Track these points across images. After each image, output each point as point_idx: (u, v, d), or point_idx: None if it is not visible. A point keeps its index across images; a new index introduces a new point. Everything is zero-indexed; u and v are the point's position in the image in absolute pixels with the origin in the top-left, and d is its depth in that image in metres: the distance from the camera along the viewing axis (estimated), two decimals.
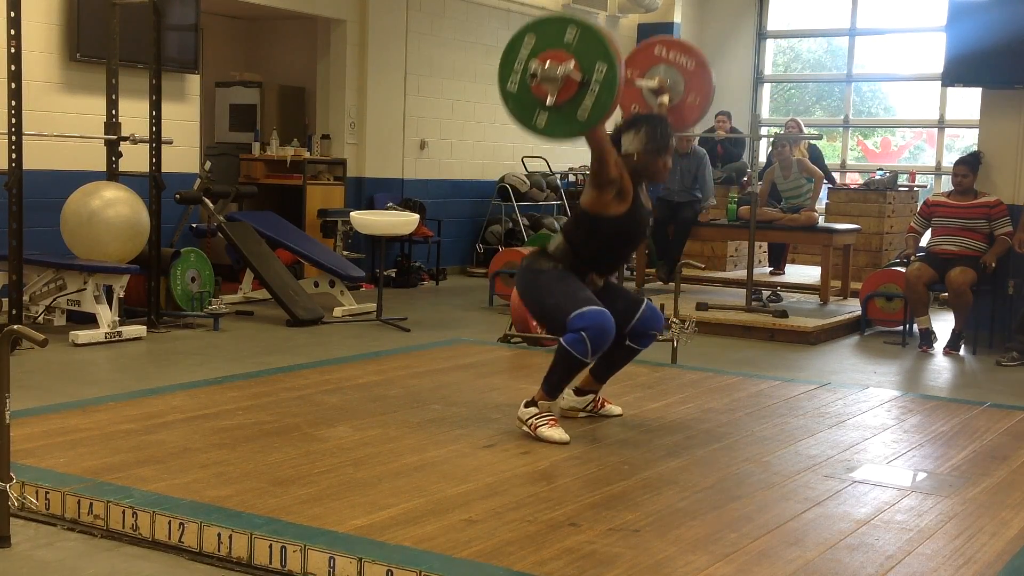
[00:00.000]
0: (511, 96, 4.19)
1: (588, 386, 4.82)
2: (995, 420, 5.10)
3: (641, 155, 4.45)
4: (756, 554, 3.19)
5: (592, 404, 4.85)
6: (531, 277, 4.52)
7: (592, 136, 4.26)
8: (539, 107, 4.11)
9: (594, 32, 4.06)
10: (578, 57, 4.03)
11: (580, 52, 4.03)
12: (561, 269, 4.46)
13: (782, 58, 15.15)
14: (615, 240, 4.49)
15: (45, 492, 3.50)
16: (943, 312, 8.56)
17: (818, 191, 9.62)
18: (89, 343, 6.58)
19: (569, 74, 4.02)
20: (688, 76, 4.92)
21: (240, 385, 5.30)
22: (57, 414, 4.57)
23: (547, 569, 3.00)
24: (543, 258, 4.53)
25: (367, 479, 3.77)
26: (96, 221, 6.86)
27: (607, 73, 4.01)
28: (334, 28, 10.31)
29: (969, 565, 3.18)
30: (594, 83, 4.01)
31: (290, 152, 9.97)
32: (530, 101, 4.14)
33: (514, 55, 4.15)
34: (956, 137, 13.43)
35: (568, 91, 4.05)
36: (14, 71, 6.19)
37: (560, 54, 4.04)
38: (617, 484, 3.84)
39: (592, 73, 4.01)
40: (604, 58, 4.01)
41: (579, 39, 4.03)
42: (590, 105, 4.04)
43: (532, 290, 4.52)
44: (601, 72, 4.00)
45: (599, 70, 4.00)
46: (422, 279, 10.59)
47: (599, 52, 4.02)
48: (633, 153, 4.45)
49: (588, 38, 4.04)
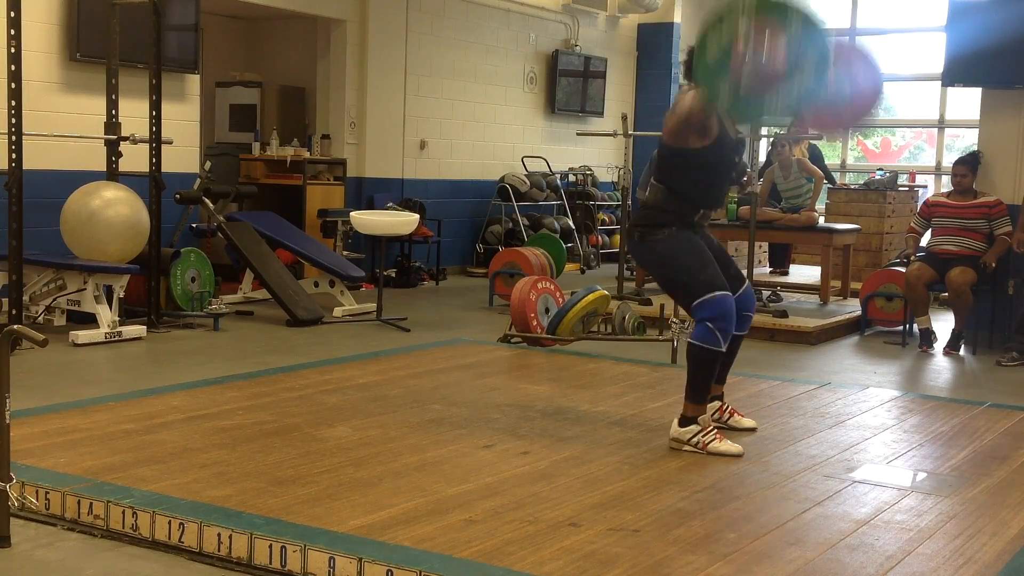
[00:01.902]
0: (705, 67, 3.83)
1: (714, 391, 4.59)
2: (995, 420, 5.10)
3: None
4: (756, 554, 3.19)
5: (718, 412, 4.65)
6: (650, 249, 4.42)
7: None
8: (731, 86, 3.76)
9: (824, 45, 3.73)
10: (791, 50, 3.68)
11: (795, 47, 3.68)
12: (675, 232, 4.34)
13: None
14: (708, 172, 4.36)
15: (45, 492, 3.50)
16: (943, 312, 8.56)
17: (818, 191, 9.62)
18: (89, 343, 6.57)
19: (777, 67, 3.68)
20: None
21: (240, 385, 5.30)
22: (57, 414, 4.57)
23: (547, 569, 3.00)
24: (651, 221, 4.39)
25: (367, 479, 3.77)
26: (96, 221, 6.86)
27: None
28: (334, 28, 10.31)
29: (969, 565, 3.18)
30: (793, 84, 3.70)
31: (290, 152, 9.97)
32: (722, 72, 3.77)
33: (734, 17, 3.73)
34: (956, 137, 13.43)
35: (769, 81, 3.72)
36: (14, 71, 6.19)
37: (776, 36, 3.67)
38: (617, 484, 3.84)
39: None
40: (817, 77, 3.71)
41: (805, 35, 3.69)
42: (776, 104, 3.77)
43: (655, 264, 4.46)
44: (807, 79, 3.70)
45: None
46: (422, 279, 10.59)
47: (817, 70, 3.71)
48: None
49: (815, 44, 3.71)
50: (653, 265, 4.52)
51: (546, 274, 8.65)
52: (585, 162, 13.11)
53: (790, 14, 3.71)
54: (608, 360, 6.35)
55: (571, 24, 12.92)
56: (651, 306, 7.93)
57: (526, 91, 12.47)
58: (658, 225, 4.38)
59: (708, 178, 4.38)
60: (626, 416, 4.88)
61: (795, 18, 3.70)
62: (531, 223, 11.82)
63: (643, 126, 13.48)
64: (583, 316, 6.66)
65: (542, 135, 12.70)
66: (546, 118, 12.75)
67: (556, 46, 12.74)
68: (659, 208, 4.39)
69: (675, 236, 4.35)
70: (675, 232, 4.35)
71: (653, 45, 13.96)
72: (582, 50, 13.03)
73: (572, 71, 12.91)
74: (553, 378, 5.76)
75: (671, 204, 4.37)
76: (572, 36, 12.96)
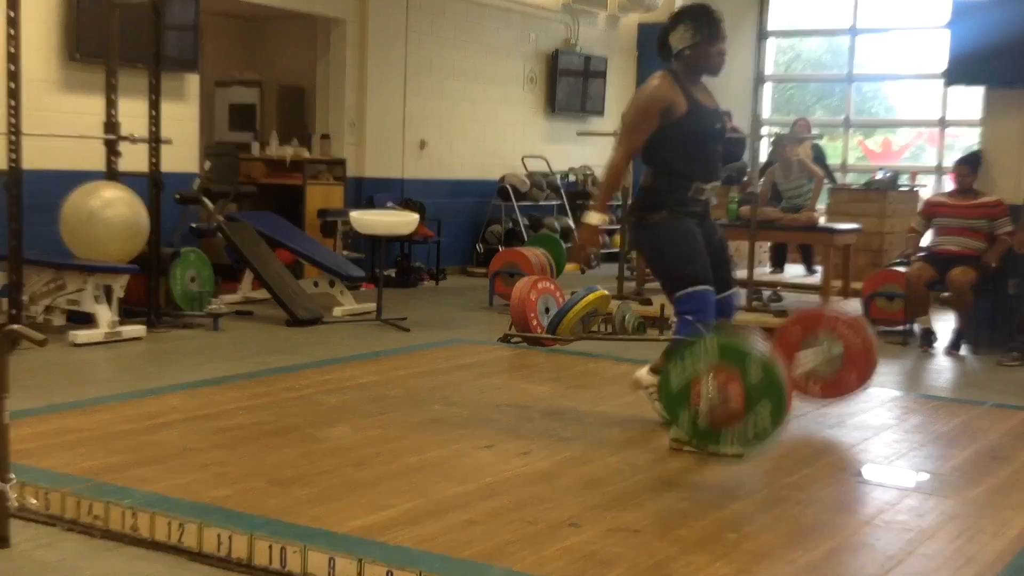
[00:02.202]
0: (669, 394, 3.98)
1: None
2: (996, 420, 5.09)
3: (692, 50, 4.44)
4: (756, 554, 3.19)
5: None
6: (644, 232, 4.54)
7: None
8: (690, 416, 3.89)
9: (780, 394, 3.79)
10: (748, 395, 3.79)
11: (753, 393, 3.78)
12: (669, 216, 4.42)
13: (783, 57, 15.14)
14: (689, 143, 4.44)
15: (45, 492, 3.50)
16: (944, 312, 8.55)
17: (818, 191, 9.61)
18: (88, 343, 6.57)
19: (733, 408, 3.79)
20: (851, 355, 4.81)
21: (240, 385, 5.29)
22: (57, 414, 4.57)
23: (547, 569, 2.99)
24: (647, 202, 4.50)
25: (367, 479, 3.76)
26: (95, 221, 6.85)
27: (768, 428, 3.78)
28: (334, 28, 10.30)
29: (970, 565, 3.17)
30: (748, 424, 3.81)
31: (290, 152, 9.96)
32: (683, 402, 3.91)
33: (696, 358, 3.87)
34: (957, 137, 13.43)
35: (725, 420, 3.83)
36: (13, 71, 6.18)
37: (734, 381, 3.79)
38: (617, 484, 3.83)
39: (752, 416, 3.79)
40: (772, 421, 3.78)
41: (761, 383, 3.78)
42: (733, 438, 3.85)
43: (648, 248, 4.61)
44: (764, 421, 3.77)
45: (762, 416, 3.78)
46: (422, 279, 10.58)
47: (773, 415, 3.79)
48: (683, 49, 4.43)
49: (772, 393, 3.78)
50: (646, 249, 4.65)
51: (546, 274, 8.64)
52: (585, 162, 13.10)
53: (749, 362, 3.80)
54: (608, 360, 6.34)
55: (571, 24, 12.92)
56: (651, 306, 7.91)
57: (526, 91, 12.47)
58: (653, 207, 4.47)
59: (690, 149, 4.46)
60: (626, 416, 4.87)
61: (754, 367, 3.79)
62: (531, 223, 11.81)
63: None
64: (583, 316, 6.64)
65: (542, 135, 12.70)
66: (546, 118, 12.75)
67: (556, 46, 12.74)
68: (652, 188, 4.50)
69: (669, 221, 4.43)
70: (669, 216, 4.42)
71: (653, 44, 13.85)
72: (582, 50, 13.03)
73: (572, 71, 12.90)
74: (553, 378, 5.76)
75: (662, 182, 4.47)
76: (572, 36, 12.95)
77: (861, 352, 4.84)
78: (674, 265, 4.42)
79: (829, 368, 4.85)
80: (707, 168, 4.53)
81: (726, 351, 3.86)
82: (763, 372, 3.80)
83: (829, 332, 4.84)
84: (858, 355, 4.84)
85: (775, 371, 3.81)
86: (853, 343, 4.83)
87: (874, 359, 4.90)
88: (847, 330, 4.84)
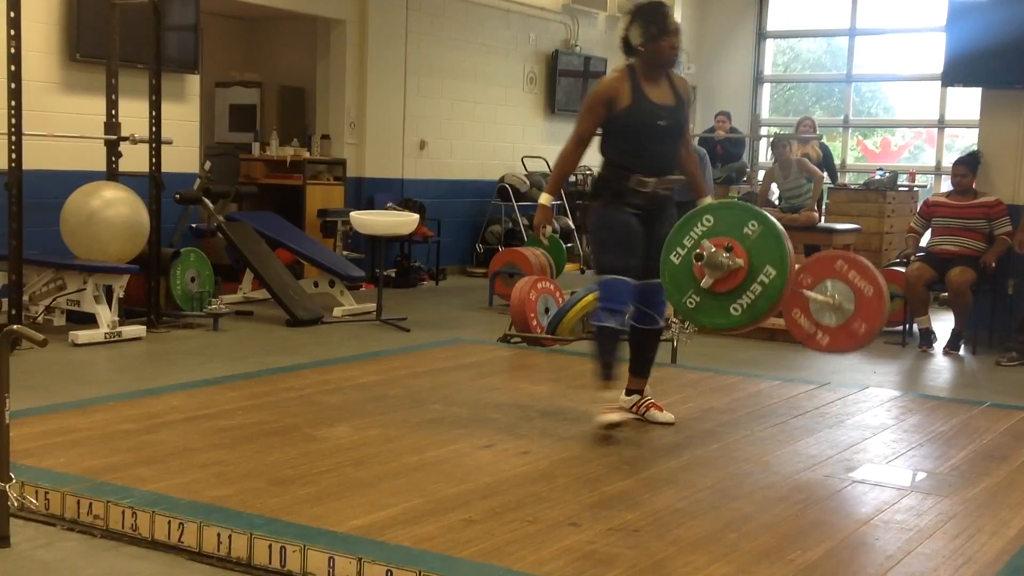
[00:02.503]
0: (670, 267, 4.02)
1: (630, 384, 4.82)
2: (995, 420, 5.10)
3: (645, 46, 4.52)
4: (756, 554, 3.19)
5: (635, 407, 4.80)
6: (586, 219, 4.83)
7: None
8: (693, 288, 3.91)
9: (776, 234, 3.86)
10: (750, 253, 3.84)
11: (754, 249, 3.84)
12: (604, 206, 4.58)
13: (782, 58, 15.15)
14: (628, 136, 4.55)
15: (45, 492, 3.50)
16: (943, 312, 8.56)
17: (818, 191, 9.61)
18: (89, 343, 6.57)
19: (736, 268, 3.84)
20: (861, 301, 4.71)
21: (240, 385, 5.30)
22: (57, 414, 4.57)
23: (547, 569, 3.00)
24: (592, 190, 4.77)
25: (367, 479, 3.77)
26: (96, 221, 6.86)
27: (774, 279, 3.81)
28: (334, 28, 10.31)
29: (969, 565, 3.18)
30: (757, 283, 3.82)
31: (290, 152, 9.97)
32: (687, 279, 3.95)
33: (687, 230, 3.96)
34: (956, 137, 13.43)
35: (728, 283, 3.87)
36: (14, 71, 6.19)
37: (734, 244, 3.87)
38: (617, 484, 3.84)
39: (759, 274, 3.81)
40: (777, 264, 3.82)
41: (758, 236, 3.85)
42: (745, 305, 3.85)
43: (588, 234, 4.87)
44: (768, 276, 3.80)
45: (767, 273, 3.80)
46: (422, 279, 10.59)
47: (774, 256, 3.83)
48: (638, 45, 4.53)
49: (767, 238, 3.84)
50: (589, 234, 4.90)
51: (546, 274, 8.65)
52: (585, 162, 13.03)
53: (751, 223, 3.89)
54: None
55: (571, 24, 12.92)
56: None
57: (526, 91, 12.47)
58: (595, 195, 4.68)
59: (629, 142, 4.55)
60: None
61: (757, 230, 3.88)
62: (531, 223, 11.80)
63: None
64: (583, 316, 6.66)
65: (542, 135, 12.70)
66: (546, 118, 12.75)
67: (556, 46, 12.74)
68: (599, 178, 4.70)
69: (603, 210, 4.59)
70: (604, 206, 4.59)
71: None
72: (582, 50, 13.03)
73: (572, 71, 12.91)
74: (553, 378, 5.76)
75: (606, 172, 4.63)
76: (572, 36, 12.96)
77: (872, 301, 4.74)
78: (598, 252, 4.62)
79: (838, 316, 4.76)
80: (649, 162, 4.59)
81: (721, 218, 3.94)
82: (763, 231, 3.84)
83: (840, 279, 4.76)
84: (868, 304, 4.75)
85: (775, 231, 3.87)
86: (864, 291, 4.74)
87: (885, 309, 4.79)
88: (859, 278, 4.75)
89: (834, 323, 4.71)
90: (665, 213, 4.62)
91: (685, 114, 4.69)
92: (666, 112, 4.59)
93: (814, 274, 4.77)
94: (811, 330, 4.77)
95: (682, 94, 4.65)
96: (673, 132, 4.62)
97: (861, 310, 4.72)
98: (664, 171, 4.59)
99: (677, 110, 4.63)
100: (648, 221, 4.55)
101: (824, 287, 4.69)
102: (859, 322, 4.71)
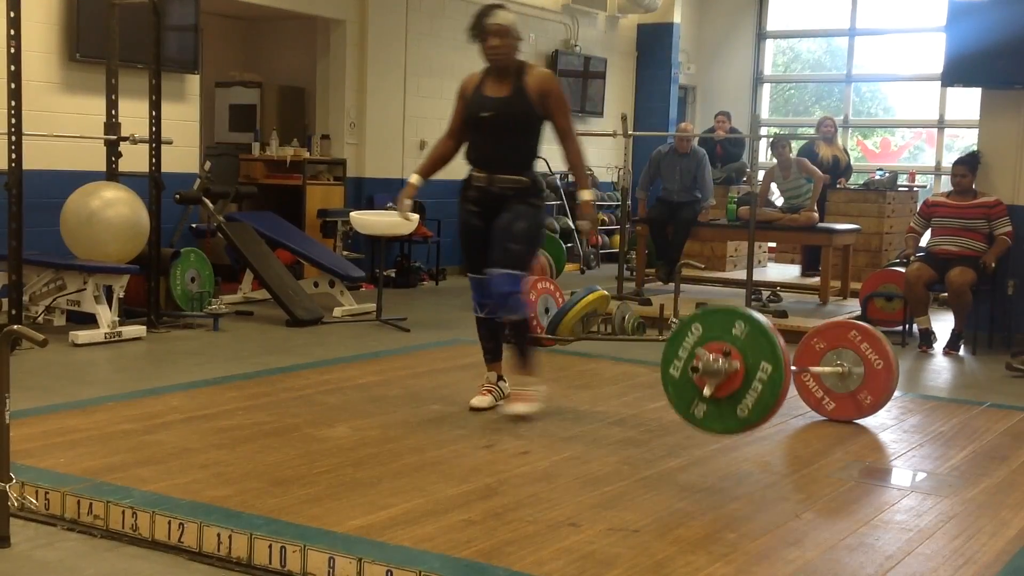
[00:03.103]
0: (672, 381, 4.05)
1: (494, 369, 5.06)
2: (994, 420, 5.10)
3: (477, 45, 4.88)
4: (756, 554, 3.20)
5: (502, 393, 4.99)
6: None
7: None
8: (698, 397, 3.95)
9: (763, 329, 3.91)
10: (744, 353, 3.89)
11: (747, 348, 3.89)
12: (459, 204, 5.01)
13: (782, 58, 15.15)
14: (467, 129, 4.92)
15: (45, 492, 3.50)
16: (943, 312, 8.56)
17: (817, 191, 9.62)
18: (89, 343, 6.57)
19: (732, 371, 3.88)
20: (870, 373, 4.82)
21: (240, 385, 5.30)
22: (57, 414, 4.57)
23: (546, 569, 3.00)
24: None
25: (366, 479, 3.77)
26: (96, 221, 6.86)
27: (772, 374, 3.85)
28: (334, 28, 10.31)
29: (968, 565, 3.18)
30: (757, 381, 3.87)
31: (290, 152, 9.97)
32: (690, 390, 3.98)
33: (679, 342, 4.01)
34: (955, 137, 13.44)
35: (729, 387, 3.90)
36: (14, 71, 6.19)
37: (726, 347, 3.91)
38: (617, 484, 3.84)
39: (756, 371, 3.86)
40: (770, 358, 3.86)
41: (747, 335, 3.89)
42: (751, 404, 3.89)
43: None
44: (766, 372, 3.85)
45: (764, 370, 3.85)
46: (422, 279, 10.59)
47: (766, 351, 3.87)
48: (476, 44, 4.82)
49: (756, 335, 3.89)
50: None
51: (546, 274, 8.65)
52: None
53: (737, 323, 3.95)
54: (608, 360, 6.35)
55: (571, 24, 12.92)
56: (651, 306, 7.93)
57: None
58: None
59: (468, 136, 4.91)
60: (626, 416, 4.88)
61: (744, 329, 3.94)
62: None
63: (643, 126, 13.49)
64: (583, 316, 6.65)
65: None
66: None
67: (556, 46, 12.74)
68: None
69: (459, 209, 4.96)
70: (459, 205, 4.96)
71: (653, 45, 13.96)
72: (582, 50, 13.03)
73: (572, 71, 12.90)
74: (553, 378, 5.76)
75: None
76: (572, 36, 12.96)
77: (880, 374, 4.82)
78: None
79: (845, 384, 4.85)
80: (478, 155, 4.83)
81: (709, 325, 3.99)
82: (751, 329, 3.91)
83: (851, 348, 4.82)
84: (876, 377, 4.82)
85: (761, 326, 3.92)
86: (874, 364, 4.81)
87: (893, 384, 4.88)
88: (870, 350, 4.82)
89: (841, 391, 4.80)
90: (507, 208, 4.74)
91: (524, 109, 4.69)
92: (491, 103, 4.69)
93: (828, 340, 4.84)
94: (819, 395, 4.88)
95: (527, 87, 4.68)
96: (502, 125, 4.70)
97: (869, 382, 4.79)
98: (496, 166, 4.74)
99: (509, 102, 4.68)
100: (489, 217, 4.76)
101: (834, 359, 4.77)
102: (865, 393, 4.81)
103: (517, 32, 4.77)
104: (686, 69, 14.41)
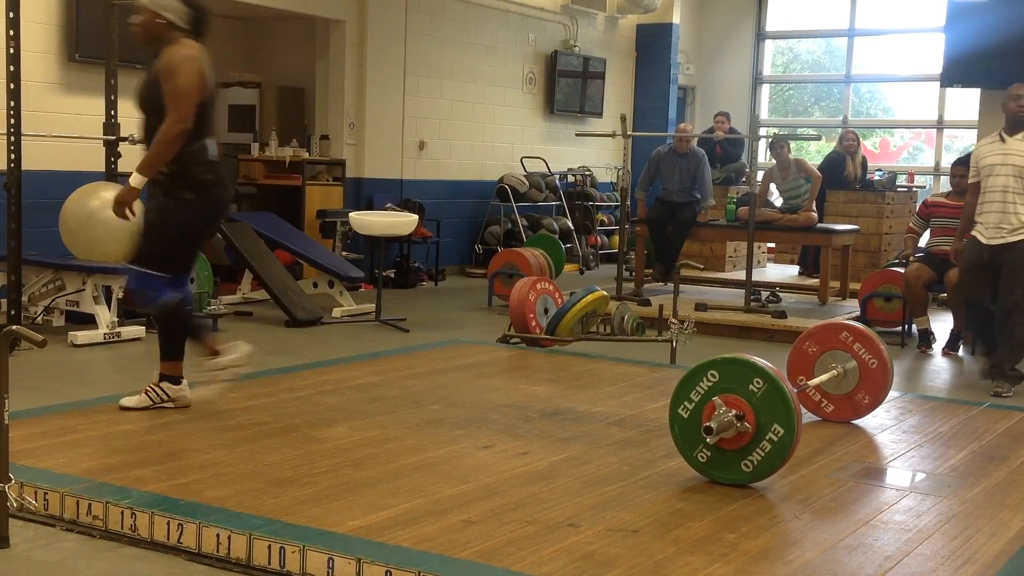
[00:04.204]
0: (679, 421, 3.99)
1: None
2: (994, 421, 5.10)
3: None
4: (755, 554, 3.20)
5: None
6: None
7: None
8: (704, 443, 3.89)
9: (782, 393, 3.82)
10: (757, 411, 3.81)
11: (760, 406, 3.81)
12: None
13: (781, 59, 15.16)
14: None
15: (44, 493, 3.50)
16: (942, 313, 8.56)
17: (815, 191, 9.63)
18: (88, 344, 6.57)
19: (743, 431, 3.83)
20: (865, 373, 4.81)
21: (239, 385, 5.29)
22: (56, 414, 4.57)
23: (546, 570, 3.00)
24: None
25: (366, 480, 3.77)
26: (95, 222, 6.84)
27: (783, 437, 3.79)
28: (333, 28, 10.31)
29: (968, 565, 3.18)
30: (766, 441, 3.81)
31: (289, 153, 9.96)
32: (696, 434, 3.91)
33: (692, 385, 3.93)
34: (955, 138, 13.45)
35: (736, 442, 3.85)
36: (13, 71, 6.19)
37: (740, 402, 3.83)
38: (616, 484, 3.84)
39: (767, 431, 3.80)
40: (784, 423, 3.79)
41: (764, 393, 3.81)
42: (757, 461, 3.84)
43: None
44: (777, 434, 3.78)
45: (776, 431, 3.78)
46: (421, 280, 10.59)
47: (780, 414, 3.79)
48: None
49: (773, 398, 3.81)
50: None
51: (545, 274, 8.65)
52: (584, 163, 13.11)
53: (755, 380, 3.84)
54: (607, 360, 6.35)
55: (570, 25, 12.93)
56: (650, 307, 7.93)
57: (525, 92, 12.48)
58: None
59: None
60: (625, 416, 4.88)
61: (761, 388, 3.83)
62: (530, 224, 11.82)
63: (642, 127, 13.50)
64: (582, 317, 6.67)
65: (541, 136, 12.71)
66: (545, 119, 12.76)
67: (555, 47, 12.75)
68: None
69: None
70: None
71: (652, 46, 13.97)
72: (581, 51, 13.04)
73: (571, 72, 12.91)
74: (552, 378, 5.76)
75: None
76: (571, 37, 12.96)
77: (875, 373, 4.82)
78: None
79: (841, 387, 4.85)
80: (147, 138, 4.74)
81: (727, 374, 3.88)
82: (768, 389, 3.81)
83: (844, 350, 4.82)
84: (872, 376, 4.83)
85: (780, 388, 3.82)
86: (868, 363, 4.81)
87: (889, 382, 4.89)
88: (863, 350, 4.82)
89: (838, 393, 4.80)
90: (151, 197, 4.74)
91: (154, 89, 4.73)
92: (142, 82, 4.79)
93: (819, 343, 4.84)
94: (816, 398, 4.89)
95: (156, 66, 4.75)
96: (144, 104, 4.76)
97: (865, 382, 4.80)
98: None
99: (145, 82, 4.78)
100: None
101: (829, 362, 4.76)
102: (863, 394, 4.81)
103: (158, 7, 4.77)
104: (685, 69, 14.42)
